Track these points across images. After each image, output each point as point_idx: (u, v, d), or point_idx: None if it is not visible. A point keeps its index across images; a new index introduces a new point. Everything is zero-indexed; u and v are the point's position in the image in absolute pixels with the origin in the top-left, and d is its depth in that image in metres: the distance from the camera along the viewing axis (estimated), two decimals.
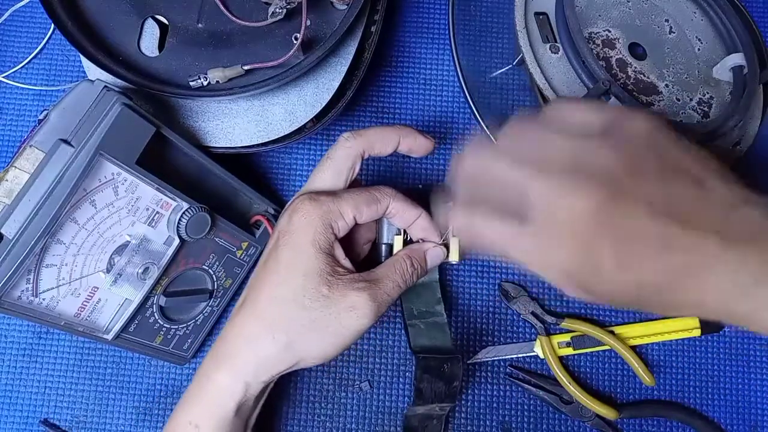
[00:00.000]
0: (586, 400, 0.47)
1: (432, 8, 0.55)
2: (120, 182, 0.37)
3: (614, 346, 0.48)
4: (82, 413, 0.48)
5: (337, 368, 0.49)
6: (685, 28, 0.50)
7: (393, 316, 0.50)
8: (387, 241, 0.41)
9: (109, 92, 0.36)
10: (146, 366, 0.48)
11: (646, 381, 0.48)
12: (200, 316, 0.46)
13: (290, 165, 0.52)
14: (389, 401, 0.49)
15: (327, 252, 0.35)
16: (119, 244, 0.39)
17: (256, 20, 0.42)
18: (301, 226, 0.36)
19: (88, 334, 0.40)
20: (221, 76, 0.41)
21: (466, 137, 0.35)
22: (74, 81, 0.52)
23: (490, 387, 0.49)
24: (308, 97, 0.45)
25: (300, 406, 0.48)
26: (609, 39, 0.48)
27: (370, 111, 0.53)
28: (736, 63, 0.48)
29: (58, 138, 0.35)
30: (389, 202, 0.38)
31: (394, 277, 0.37)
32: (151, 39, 0.43)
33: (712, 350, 0.50)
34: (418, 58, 0.54)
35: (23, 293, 0.36)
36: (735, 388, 0.50)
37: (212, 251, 0.44)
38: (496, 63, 0.52)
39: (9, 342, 0.48)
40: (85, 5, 0.43)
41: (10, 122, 0.51)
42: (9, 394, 0.47)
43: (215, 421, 0.36)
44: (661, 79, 0.47)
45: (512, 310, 0.50)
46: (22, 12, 0.53)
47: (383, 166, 0.52)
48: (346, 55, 0.46)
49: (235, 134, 0.45)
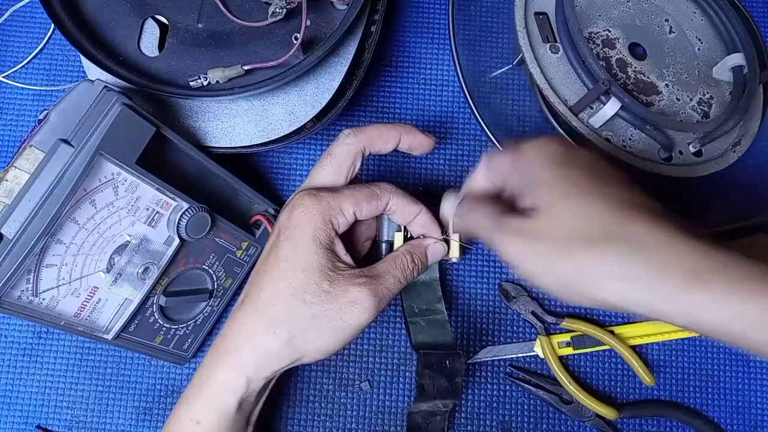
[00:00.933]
0: (586, 400, 0.47)
1: (432, 8, 0.55)
2: (120, 182, 0.37)
3: (614, 345, 0.48)
4: (82, 413, 0.48)
5: (337, 368, 0.49)
6: (685, 28, 0.50)
7: (393, 315, 0.50)
8: (387, 239, 0.41)
9: (109, 92, 0.36)
10: (146, 366, 0.48)
11: (646, 381, 0.48)
12: (200, 316, 0.46)
13: (290, 165, 0.52)
14: (389, 401, 0.49)
15: (327, 248, 0.35)
16: (119, 244, 0.39)
17: (256, 20, 0.42)
18: (301, 222, 0.36)
19: (88, 333, 0.40)
20: (221, 76, 0.41)
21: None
22: (74, 81, 0.52)
23: (490, 387, 0.49)
24: (308, 97, 0.45)
25: (300, 406, 0.48)
26: (609, 39, 0.48)
27: (370, 111, 0.53)
28: (736, 63, 0.48)
29: (58, 138, 0.35)
30: (389, 198, 0.38)
31: (395, 272, 0.37)
32: (151, 39, 0.43)
33: (712, 350, 0.50)
34: (418, 58, 0.54)
35: (23, 293, 0.36)
36: (735, 388, 0.50)
37: (212, 251, 0.44)
38: (496, 63, 0.52)
39: (9, 342, 0.48)
40: (85, 5, 0.43)
41: (10, 122, 0.51)
42: (9, 394, 0.47)
43: (216, 417, 0.36)
44: (661, 79, 0.47)
45: (512, 310, 0.50)
46: (22, 12, 0.53)
47: (384, 165, 0.52)
48: (346, 55, 0.46)
49: (235, 134, 0.45)
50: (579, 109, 0.45)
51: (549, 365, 0.48)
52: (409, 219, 0.39)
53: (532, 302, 0.49)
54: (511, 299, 0.49)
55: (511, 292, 0.50)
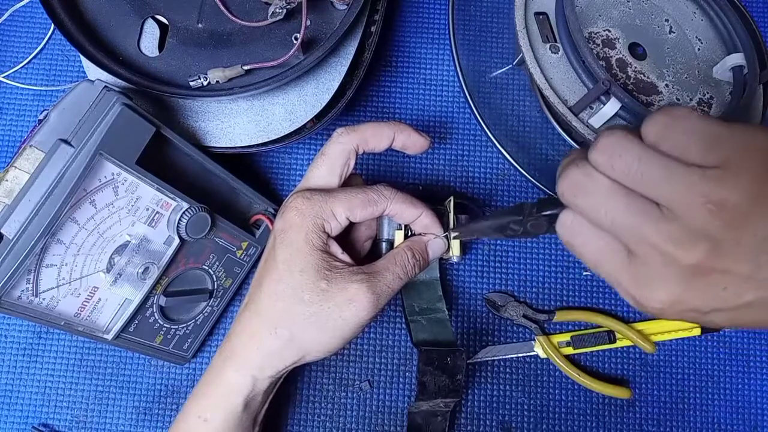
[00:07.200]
0: (598, 387, 0.48)
1: (432, 8, 0.55)
2: (120, 182, 0.37)
3: (609, 325, 0.49)
4: (82, 413, 0.48)
5: (337, 368, 0.49)
6: (685, 28, 0.50)
7: (393, 315, 0.50)
8: (387, 237, 0.41)
9: (109, 92, 0.36)
10: (146, 366, 0.48)
11: (647, 349, 0.48)
12: (200, 316, 0.46)
13: (290, 165, 0.52)
14: (389, 401, 0.49)
15: (322, 249, 0.36)
16: (119, 244, 0.39)
17: (256, 20, 0.42)
18: (294, 225, 0.36)
19: (88, 334, 0.40)
20: (221, 76, 0.41)
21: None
22: (74, 81, 0.52)
23: (490, 387, 0.49)
24: (308, 97, 0.45)
25: (300, 406, 0.48)
26: (609, 39, 0.48)
27: (370, 111, 0.53)
28: (736, 63, 0.48)
29: (58, 138, 0.35)
30: (387, 204, 0.37)
31: (395, 268, 0.37)
32: (151, 39, 0.43)
33: (712, 350, 0.50)
34: (418, 58, 0.54)
35: (23, 293, 0.36)
36: (735, 388, 0.50)
37: (212, 251, 0.44)
38: (496, 63, 0.52)
39: (9, 342, 0.48)
40: (85, 5, 0.43)
41: (10, 122, 0.51)
42: (9, 394, 0.47)
43: (224, 415, 0.37)
44: (661, 79, 0.47)
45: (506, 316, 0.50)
46: (22, 12, 0.53)
47: (384, 165, 0.52)
48: (346, 55, 0.46)
49: (235, 134, 0.45)
50: (579, 109, 0.44)
51: (553, 362, 0.48)
52: (410, 221, 0.39)
53: (521, 306, 0.49)
54: (500, 308, 0.49)
55: (497, 301, 0.50)
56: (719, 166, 0.24)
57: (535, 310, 0.50)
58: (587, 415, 0.49)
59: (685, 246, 0.25)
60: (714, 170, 0.24)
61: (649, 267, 0.26)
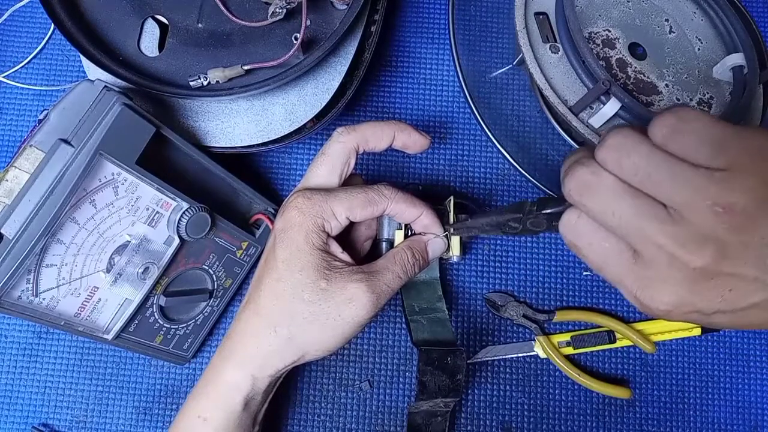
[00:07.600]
0: (599, 387, 0.48)
1: (432, 8, 0.55)
2: (120, 182, 0.37)
3: (609, 325, 0.49)
4: (82, 413, 0.48)
5: (337, 368, 0.49)
6: (685, 28, 0.50)
7: (393, 315, 0.50)
8: (387, 237, 0.41)
9: (109, 92, 0.36)
10: (146, 366, 0.48)
11: (647, 348, 0.48)
12: (200, 316, 0.46)
13: (290, 165, 0.52)
14: (389, 401, 0.49)
15: (321, 249, 0.36)
16: (119, 244, 0.39)
17: (256, 20, 0.42)
18: (294, 224, 0.36)
19: (88, 334, 0.40)
20: (221, 76, 0.41)
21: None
22: (74, 81, 0.52)
23: (490, 387, 0.49)
24: (308, 97, 0.45)
25: (300, 406, 0.48)
26: (609, 39, 0.48)
27: (370, 111, 0.53)
28: (736, 63, 0.48)
29: (58, 138, 0.35)
30: (387, 204, 0.37)
31: (394, 268, 0.37)
32: (151, 39, 0.43)
33: (712, 350, 0.50)
34: (418, 58, 0.54)
35: (23, 293, 0.36)
36: (735, 388, 0.50)
37: (212, 251, 0.44)
38: (496, 63, 0.52)
39: (9, 342, 0.48)
40: (85, 5, 0.43)
41: (10, 122, 0.51)
42: (9, 394, 0.47)
43: (223, 415, 0.37)
44: (661, 79, 0.47)
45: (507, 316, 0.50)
46: (22, 12, 0.53)
47: (384, 165, 0.52)
48: (346, 55, 0.46)
49: (235, 134, 0.45)
50: (579, 109, 0.44)
51: (553, 362, 0.48)
52: (410, 221, 0.39)
53: (521, 306, 0.49)
54: (500, 308, 0.49)
55: (497, 301, 0.50)
56: (727, 168, 0.24)
57: (535, 310, 0.50)
58: (587, 415, 0.49)
59: (691, 249, 0.25)
60: (721, 173, 0.24)
61: (654, 269, 0.26)
